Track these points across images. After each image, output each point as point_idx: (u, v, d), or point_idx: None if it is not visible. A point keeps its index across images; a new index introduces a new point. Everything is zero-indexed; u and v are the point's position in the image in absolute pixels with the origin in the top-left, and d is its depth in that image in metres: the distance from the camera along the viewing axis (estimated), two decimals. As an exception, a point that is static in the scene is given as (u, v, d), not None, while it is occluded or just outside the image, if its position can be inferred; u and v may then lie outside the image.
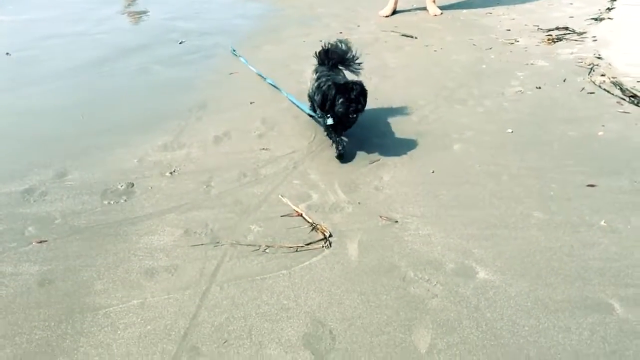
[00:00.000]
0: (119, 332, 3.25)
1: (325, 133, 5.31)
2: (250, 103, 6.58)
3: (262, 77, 7.22)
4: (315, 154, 5.23)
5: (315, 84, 5.27)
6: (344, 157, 5.01)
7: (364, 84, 4.93)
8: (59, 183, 4.88)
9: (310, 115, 5.73)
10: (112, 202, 4.58)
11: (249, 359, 3.06)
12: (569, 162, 4.92)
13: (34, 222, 4.31)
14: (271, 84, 6.95)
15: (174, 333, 3.23)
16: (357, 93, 4.75)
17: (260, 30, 10.05)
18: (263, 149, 5.42)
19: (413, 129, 5.66)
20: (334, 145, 5.07)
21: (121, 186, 4.81)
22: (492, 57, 7.89)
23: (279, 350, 3.10)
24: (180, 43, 9.16)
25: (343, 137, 5.06)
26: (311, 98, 5.54)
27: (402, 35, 9.25)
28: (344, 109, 4.76)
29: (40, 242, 4.09)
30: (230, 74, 7.65)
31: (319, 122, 5.49)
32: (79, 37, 9.67)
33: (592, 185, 4.54)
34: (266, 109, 6.33)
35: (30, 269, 3.80)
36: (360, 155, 5.18)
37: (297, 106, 6.13)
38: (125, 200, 4.61)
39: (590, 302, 3.34)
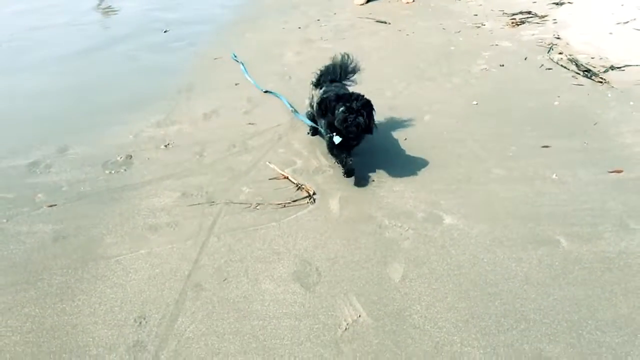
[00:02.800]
0: (130, 275, 3.69)
1: (329, 152, 4.83)
2: (235, 84, 7.01)
3: (261, 88, 6.85)
4: (298, 127, 5.69)
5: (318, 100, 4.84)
6: (353, 172, 4.59)
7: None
8: (61, 157, 5.26)
9: (314, 128, 5.32)
10: (113, 172, 5.00)
11: (246, 294, 3.50)
12: (527, 127, 5.46)
13: (42, 190, 4.70)
14: (279, 97, 6.49)
15: (179, 274, 3.68)
16: (360, 104, 4.33)
17: (240, 18, 10.46)
18: (249, 123, 5.87)
19: (387, 103, 6.15)
20: (339, 163, 4.68)
21: (120, 158, 5.22)
22: (461, 39, 8.43)
23: (272, 284, 3.57)
24: (164, 32, 9.53)
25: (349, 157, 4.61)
26: (313, 116, 5.18)
27: (377, 21, 9.73)
28: (342, 119, 4.31)
29: (51, 206, 4.49)
30: (215, 59, 8.06)
31: (323, 137, 5.01)
32: (65, 28, 9.98)
33: (546, 146, 5.08)
34: (251, 90, 6.77)
35: (44, 228, 4.20)
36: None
37: (303, 119, 5.59)
38: (125, 170, 5.02)
39: (540, 238, 3.87)
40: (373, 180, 4.69)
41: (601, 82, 6.34)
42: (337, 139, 4.46)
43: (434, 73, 7.07)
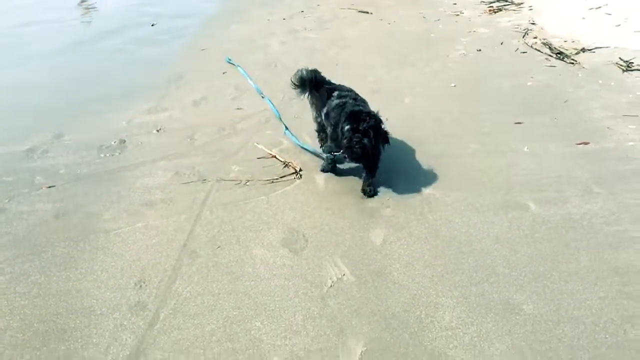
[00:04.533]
0: (129, 245, 3.93)
1: (321, 168, 4.76)
2: (223, 73, 7.25)
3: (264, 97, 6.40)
4: (285, 110, 5.94)
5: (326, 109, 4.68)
6: (324, 171, 4.70)
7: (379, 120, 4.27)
8: (57, 143, 5.48)
9: (316, 154, 5.03)
10: (107, 155, 5.23)
11: (238, 259, 3.76)
12: (502, 106, 5.76)
13: (40, 173, 4.93)
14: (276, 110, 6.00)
15: (175, 243, 3.93)
16: (368, 125, 4.09)
17: (226, 11, 10.69)
18: (237, 108, 6.12)
19: (369, 87, 6.42)
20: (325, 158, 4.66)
21: (114, 142, 5.45)
22: (440, 27, 8.73)
23: (262, 250, 3.83)
24: (152, 25, 9.73)
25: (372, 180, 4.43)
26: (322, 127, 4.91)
27: (359, 11, 10.01)
28: (347, 139, 4.12)
29: (49, 187, 4.71)
30: (202, 49, 8.29)
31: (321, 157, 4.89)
32: (54, 24, 10.15)
33: (519, 123, 5.39)
34: (238, 78, 7.01)
35: (44, 207, 4.43)
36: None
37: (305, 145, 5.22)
38: (120, 153, 5.26)
39: (511, 204, 4.17)
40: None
41: (572, 63, 6.66)
42: (339, 157, 4.51)
43: (415, 59, 7.36)
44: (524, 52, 7.24)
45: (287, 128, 5.38)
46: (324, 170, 4.73)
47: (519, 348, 2.90)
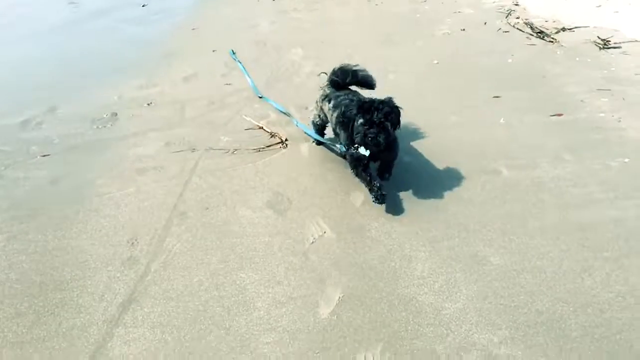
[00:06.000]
0: (121, 208, 4.13)
1: (352, 172, 4.07)
2: (213, 51, 7.41)
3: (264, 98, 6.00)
4: (272, 85, 6.14)
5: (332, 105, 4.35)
6: (384, 199, 3.86)
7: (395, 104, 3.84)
8: (51, 115, 5.66)
9: (320, 142, 4.85)
10: (100, 127, 5.41)
11: (225, 219, 3.97)
12: (482, 82, 5.97)
13: (35, 143, 5.11)
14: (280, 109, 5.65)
15: (165, 205, 4.13)
16: (382, 114, 3.64)
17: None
18: (227, 84, 6.30)
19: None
20: (366, 187, 3.99)
21: (106, 115, 5.63)
22: (426, 7, 8.91)
23: (249, 211, 4.04)
24: (143, 6, 9.84)
25: (378, 181, 3.95)
26: (321, 123, 4.74)
27: (348, -7, 10.14)
28: (361, 135, 3.70)
29: (44, 155, 4.90)
30: (193, 29, 8.44)
31: (334, 151, 4.70)
32: (44, 4, 10.24)
33: (497, 97, 5.60)
34: (228, 55, 7.17)
35: (39, 174, 4.62)
36: (309, 84, 6.11)
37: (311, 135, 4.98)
38: (112, 125, 5.44)
39: (484, 169, 4.39)
40: (340, 128, 5.14)
41: (552, 41, 6.87)
42: (363, 150, 3.81)
43: (400, 38, 7.54)
44: (506, 32, 7.44)
45: (297, 122, 5.11)
46: (357, 174, 4.04)
47: (483, 293, 3.14)
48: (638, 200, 3.85)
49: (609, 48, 6.54)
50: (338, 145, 4.36)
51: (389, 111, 3.68)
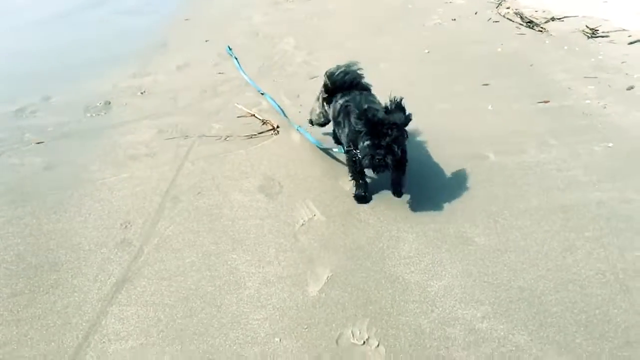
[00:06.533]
0: (115, 192, 4.20)
1: (349, 170, 3.98)
2: (206, 41, 7.47)
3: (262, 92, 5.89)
4: (264, 74, 6.20)
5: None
6: (363, 200, 3.94)
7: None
8: (45, 104, 5.71)
9: (322, 149, 4.60)
10: (93, 115, 5.47)
11: (217, 203, 4.05)
12: (471, 70, 6.05)
13: (30, 130, 5.16)
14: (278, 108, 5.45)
15: (158, 190, 4.20)
16: (391, 139, 3.45)
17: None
18: (219, 73, 6.36)
19: (347, 54, 6.64)
20: (353, 183, 4.00)
21: (99, 104, 5.69)
22: (418, -2, 8.99)
23: (240, 195, 4.12)
24: (136, -3, 9.88)
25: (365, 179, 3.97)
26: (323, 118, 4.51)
27: (341, -16, 10.19)
28: (368, 157, 3.47)
29: (38, 142, 4.95)
30: (186, 19, 8.48)
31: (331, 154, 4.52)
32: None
33: (486, 85, 5.69)
34: (220, 45, 7.23)
35: (34, 160, 4.68)
36: (301, 73, 6.18)
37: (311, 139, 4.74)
38: (105, 113, 5.50)
39: (472, 154, 4.47)
40: (331, 115, 5.22)
41: (541, 31, 6.96)
42: (365, 163, 3.61)
43: (391, 28, 7.61)
44: (496, 22, 7.52)
45: (299, 127, 4.91)
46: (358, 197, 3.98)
47: (468, 271, 3.23)
48: (620, 183, 3.94)
49: (597, 37, 6.63)
50: (335, 150, 4.29)
51: (397, 136, 3.48)
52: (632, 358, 2.63)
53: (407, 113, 3.67)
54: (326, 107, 4.37)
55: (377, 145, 3.43)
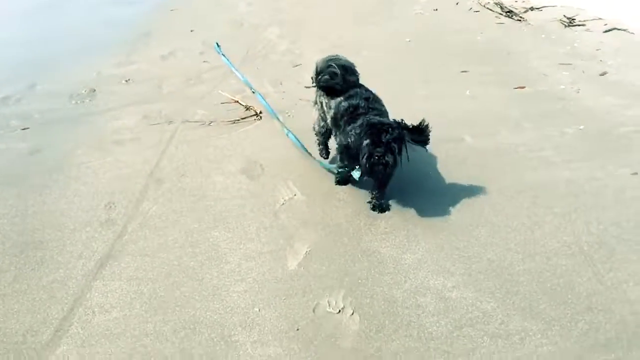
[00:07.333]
0: (100, 175, 4.29)
1: (338, 155, 3.75)
2: (191, 31, 7.54)
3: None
4: (249, 62, 6.30)
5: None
6: (342, 183, 3.98)
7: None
8: (30, 91, 5.77)
9: (328, 169, 4.19)
10: (78, 102, 5.54)
11: (200, 184, 4.15)
12: (451, 58, 6.19)
13: (15, 117, 5.23)
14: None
15: (142, 173, 4.29)
16: (392, 137, 3.38)
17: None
18: (204, 61, 6.45)
19: (330, 44, 6.79)
20: (337, 168, 3.94)
21: (85, 91, 5.76)
22: (402, -12, 9.09)
23: (223, 177, 4.22)
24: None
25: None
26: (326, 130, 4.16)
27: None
28: (367, 155, 3.37)
29: (24, 129, 5.02)
30: (172, 10, 8.54)
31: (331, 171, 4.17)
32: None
33: (465, 71, 5.83)
34: (205, 35, 7.31)
35: (20, 145, 4.75)
36: (284, 61, 6.29)
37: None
38: (90, 100, 5.58)
39: (449, 136, 4.59)
40: (309, 100, 5.32)
41: (520, 20, 7.11)
42: (356, 175, 3.67)
43: (374, 18, 7.74)
44: (476, 11, 7.66)
45: (289, 131, 4.69)
46: (339, 183, 3.99)
47: (440, 245, 3.36)
48: (589, 162, 4.10)
49: (573, 26, 6.80)
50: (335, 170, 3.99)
51: (398, 136, 3.42)
52: (592, 322, 2.77)
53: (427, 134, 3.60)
54: (325, 107, 4.04)
55: (377, 143, 3.34)
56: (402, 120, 3.57)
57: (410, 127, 3.54)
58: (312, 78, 4.07)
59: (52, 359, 2.72)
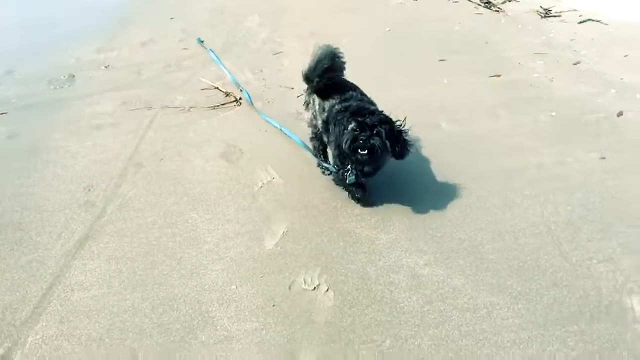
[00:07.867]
0: (78, 159, 4.30)
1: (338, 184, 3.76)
2: (171, 18, 7.53)
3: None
4: (228, 49, 6.32)
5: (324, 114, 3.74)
6: (365, 203, 3.67)
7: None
8: (8, 77, 5.75)
9: (321, 165, 3.99)
10: (57, 87, 5.53)
11: (179, 168, 4.19)
12: (429, 47, 6.28)
13: (-7, 102, 5.20)
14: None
15: (122, 157, 4.32)
16: (377, 119, 3.21)
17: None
18: (184, 48, 6.46)
19: (310, 31, 6.83)
20: (350, 194, 3.71)
21: (64, 77, 5.74)
22: (382, -21, 9.15)
23: (202, 161, 4.26)
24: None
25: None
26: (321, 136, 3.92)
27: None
28: (350, 140, 3.17)
29: (1, 113, 5.00)
30: (152, -3, 8.51)
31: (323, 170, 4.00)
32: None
33: (442, 60, 5.92)
34: (185, 22, 7.31)
35: (-3, 130, 4.74)
36: (264, 49, 6.32)
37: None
38: (69, 86, 5.56)
39: (427, 123, 4.68)
40: (292, 88, 5.39)
41: (497, 11, 7.23)
42: (351, 179, 3.48)
43: (356, 7, 7.80)
44: (455, 2, 7.76)
45: (282, 128, 4.61)
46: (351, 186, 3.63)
47: (414, 225, 3.46)
48: (560, 147, 4.22)
49: (549, 17, 6.93)
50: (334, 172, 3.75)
51: (383, 119, 3.27)
52: (556, 297, 2.89)
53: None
54: (317, 107, 3.89)
55: (362, 126, 3.14)
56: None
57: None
58: (306, 74, 3.91)
59: (31, 335, 2.76)
